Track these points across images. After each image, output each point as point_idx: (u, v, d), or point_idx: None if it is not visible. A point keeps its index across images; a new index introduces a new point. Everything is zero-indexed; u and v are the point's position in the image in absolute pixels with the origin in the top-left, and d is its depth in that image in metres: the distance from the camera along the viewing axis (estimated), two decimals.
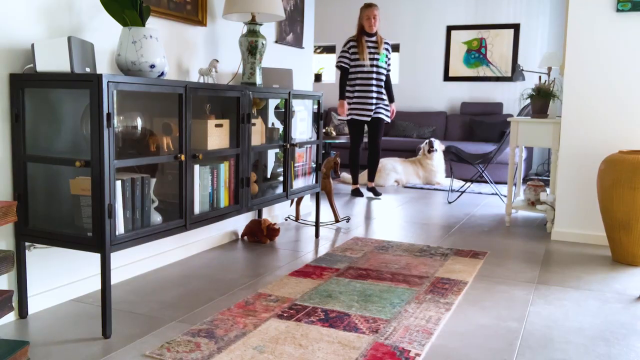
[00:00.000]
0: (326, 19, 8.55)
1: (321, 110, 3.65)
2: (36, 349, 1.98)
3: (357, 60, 5.23)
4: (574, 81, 3.76)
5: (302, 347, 2.01)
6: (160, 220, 2.37)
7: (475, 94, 7.80)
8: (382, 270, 2.98)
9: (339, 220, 4.19)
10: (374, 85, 5.25)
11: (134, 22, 2.25)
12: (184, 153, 2.42)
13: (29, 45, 2.20)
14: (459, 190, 5.99)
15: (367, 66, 5.24)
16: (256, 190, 3.17)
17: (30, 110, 2.19)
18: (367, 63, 5.23)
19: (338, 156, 4.25)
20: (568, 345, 2.12)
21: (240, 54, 3.55)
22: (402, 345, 2.04)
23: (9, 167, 2.17)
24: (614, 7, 3.60)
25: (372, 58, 5.23)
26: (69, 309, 2.35)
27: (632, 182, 3.15)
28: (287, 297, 2.53)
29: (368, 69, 5.24)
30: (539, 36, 7.41)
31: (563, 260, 3.33)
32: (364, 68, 5.24)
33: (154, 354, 1.94)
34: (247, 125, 2.88)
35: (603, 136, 3.70)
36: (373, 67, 5.24)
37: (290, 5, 4.14)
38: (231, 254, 3.28)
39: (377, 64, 5.25)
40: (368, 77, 5.24)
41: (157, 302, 2.47)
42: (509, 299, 2.62)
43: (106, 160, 2.00)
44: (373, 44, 5.26)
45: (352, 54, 5.26)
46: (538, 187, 4.33)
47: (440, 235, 3.90)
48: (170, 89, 2.32)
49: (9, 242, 2.19)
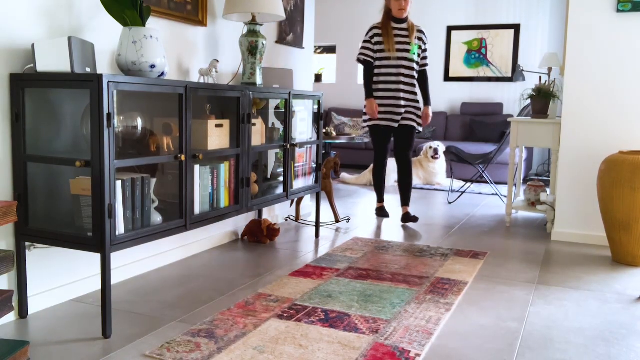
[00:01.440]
0: (326, 19, 8.55)
1: (321, 111, 3.65)
2: (36, 349, 1.98)
3: (382, 52, 4.26)
4: (574, 81, 3.75)
5: (302, 348, 2.01)
6: (160, 221, 2.37)
7: (476, 95, 7.80)
8: (382, 271, 2.98)
9: (339, 221, 4.19)
10: (402, 83, 4.25)
11: (135, 22, 2.26)
12: (184, 153, 2.42)
13: (30, 45, 2.20)
14: (459, 190, 5.99)
15: (394, 59, 4.24)
16: (256, 191, 3.17)
17: (30, 110, 2.19)
18: (394, 55, 4.23)
19: (338, 156, 4.25)
20: (568, 345, 2.12)
21: (240, 54, 3.55)
22: (402, 346, 2.04)
23: (9, 167, 2.17)
24: (615, 7, 3.60)
25: (402, 49, 4.23)
26: (69, 309, 2.35)
27: (632, 183, 3.15)
28: (287, 298, 2.53)
29: (396, 62, 4.24)
30: (539, 36, 7.41)
31: (563, 260, 3.33)
32: (391, 61, 4.25)
33: (154, 354, 1.94)
34: (248, 126, 2.88)
35: (603, 137, 3.70)
36: (402, 61, 4.23)
37: (291, 5, 4.14)
38: (231, 254, 3.28)
39: (408, 57, 4.24)
40: (396, 73, 4.25)
41: (157, 302, 2.47)
42: (509, 299, 2.62)
43: (106, 160, 2.00)
44: (403, 32, 4.25)
45: (376, 44, 4.26)
46: (538, 188, 4.33)
47: (441, 236, 3.90)
48: (171, 89, 2.33)
49: (9, 242, 2.19)
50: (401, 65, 4.24)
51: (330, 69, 8.86)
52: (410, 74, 4.28)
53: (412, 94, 4.31)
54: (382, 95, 4.28)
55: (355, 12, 8.42)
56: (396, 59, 4.24)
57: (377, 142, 4.39)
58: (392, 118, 4.27)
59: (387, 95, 4.27)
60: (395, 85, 4.25)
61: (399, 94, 4.25)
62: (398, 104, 4.25)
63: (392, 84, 4.26)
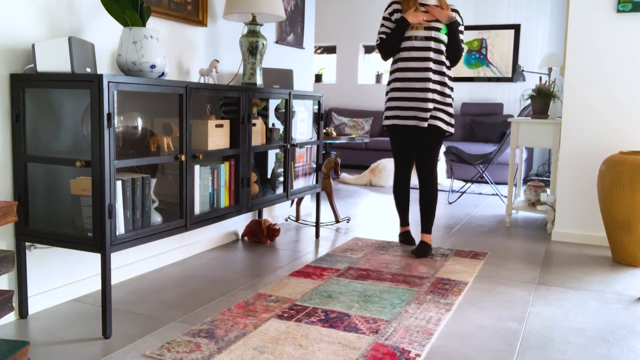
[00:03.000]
0: (326, 19, 8.55)
1: (321, 111, 3.65)
2: (36, 349, 1.98)
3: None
4: (574, 82, 3.75)
5: (303, 348, 2.01)
6: (160, 221, 2.37)
7: (476, 95, 7.80)
8: (383, 271, 2.98)
9: (339, 221, 4.19)
10: (431, 70, 3.22)
11: (135, 23, 2.26)
12: (185, 153, 2.42)
13: (30, 45, 2.20)
14: (459, 190, 5.99)
15: (420, 39, 3.22)
16: (256, 191, 3.17)
17: (30, 111, 2.19)
18: (420, 34, 3.21)
19: (338, 156, 4.25)
20: (568, 346, 2.12)
21: (240, 55, 3.55)
22: (402, 346, 2.04)
23: (9, 167, 2.17)
24: (615, 7, 3.60)
25: (430, 27, 3.22)
26: (69, 309, 2.35)
27: (632, 183, 3.15)
28: (287, 298, 2.53)
29: (421, 43, 3.22)
30: (540, 37, 7.40)
31: (563, 260, 3.33)
32: (415, 42, 3.23)
33: (154, 354, 1.94)
34: (248, 126, 2.88)
35: (603, 137, 3.70)
36: (430, 42, 3.21)
37: (291, 5, 4.14)
38: (231, 255, 3.28)
39: (439, 37, 3.22)
40: (422, 58, 3.22)
41: (157, 302, 2.47)
42: (509, 299, 2.62)
43: (106, 161, 2.00)
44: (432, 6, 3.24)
45: (397, 21, 3.27)
46: (538, 188, 4.33)
47: (441, 236, 3.90)
48: (171, 89, 2.33)
49: (9, 242, 2.19)
50: (429, 48, 3.21)
51: (330, 69, 8.86)
52: (439, 59, 3.25)
53: (444, 85, 3.28)
54: (402, 86, 3.28)
55: (355, 12, 8.42)
56: (423, 39, 3.22)
57: (395, 148, 3.42)
58: (417, 115, 3.24)
59: (410, 86, 3.25)
60: (422, 74, 3.22)
61: (427, 83, 3.22)
62: (425, 97, 3.22)
63: (418, 71, 3.23)
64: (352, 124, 7.95)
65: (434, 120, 3.26)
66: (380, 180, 6.26)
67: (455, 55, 3.29)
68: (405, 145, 3.39)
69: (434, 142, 3.31)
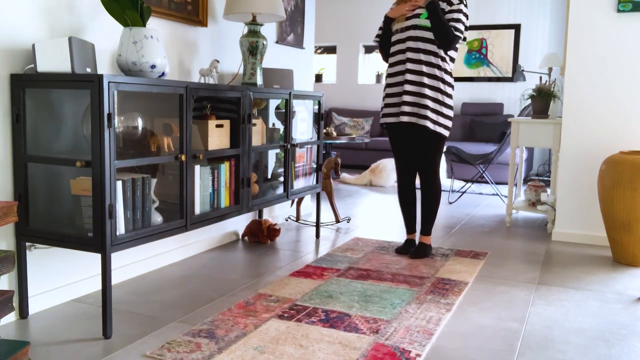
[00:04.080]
0: (327, 19, 8.55)
1: (322, 111, 3.65)
2: (37, 349, 1.98)
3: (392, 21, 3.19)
4: (574, 82, 3.75)
5: (303, 348, 2.01)
6: (160, 221, 2.37)
7: (476, 95, 7.80)
8: (383, 271, 2.98)
9: (339, 221, 4.19)
10: (409, 60, 3.06)
11: (135, 23, 2.26)
12: (185, 153, 2.42)
13: (30, 45, 2.20)
14: (459, 190, 5.99)
15: (400, 30, 3.10)
16: (257, 191, 3.17)
17: (31, 111, 2.19)
18: (400, 26, 3.10)
19: (338, 156, 4.25)
20: (568, 345, 2.11)
21: (240, 55, 3.55)
22: (402, 346, 2.04)
23: (9, 168, 2.17)
24: (615, 7, 3.60)
25: (410, 16, 3.07)
26: (69, 309, 2.35)
27: (632, 183, 3.15)
28: (287, 298, 2.53)
29: (401, 35, 3.10)
30: (540, 37, 7.40)
31: (563, 260, 3.33)
32: (396, 35, 3.14)
33: (154, 355, 1.94)
34: (248, 126, 2.88)
35: (604, 137, 3.70)
36: (409, 31, 3.05)
37: (291, 5, 4.14)
38: (232, 255, 3.28)
39: (418, 24, 3.02)
40: (401, 50, 3.10)
41: (157, 302, 2.47)
42: (510, 299, 2.62)
43: (107, 161, 2.00)
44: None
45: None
46: (539, 188, 4.33)
47: (441, 236, 3.89)
48: (171, 89, 2.33)
49: (10, 242, 2.19)
50: (408, 37, 3.05)
51: (331, 69, 8.86)
52: (425, 48, 3.03)
53: (429, 77, 3.04)
54: (388, 82, 3.21)
55: (355, 12, 8.42)
56: (403, 29, 3.09)
57: (391, 147, 3.33)
58: (399, 111, 3.12)
59: (392, 81, 3.17)
60: (399, 67, 3.11)
61: (405, 76, 3.08)
62: (402, 91, 3.10)
63: (397, 65, 3.13)
64: (352, 124, 7.95)
65: (421, 119, 3.05)
66: (380, 180, 6.26)
67: (443, 37, 2.98)
68: (400, 144, 3.26)
69: (428, 143, 3.13)
